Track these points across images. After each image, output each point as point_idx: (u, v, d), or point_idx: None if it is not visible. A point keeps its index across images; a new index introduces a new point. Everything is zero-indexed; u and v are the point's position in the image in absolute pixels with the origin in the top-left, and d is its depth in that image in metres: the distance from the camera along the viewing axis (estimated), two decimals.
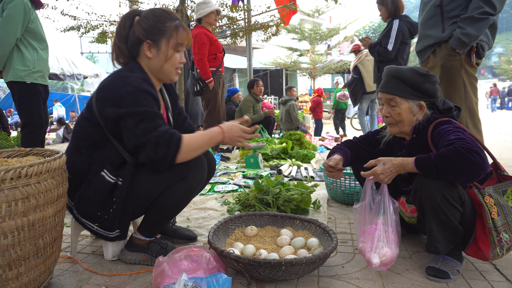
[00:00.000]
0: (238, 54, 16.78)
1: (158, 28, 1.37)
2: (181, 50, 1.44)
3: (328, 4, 6.33)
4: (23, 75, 2.68)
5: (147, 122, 1.26)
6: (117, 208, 1.32)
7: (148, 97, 1.31)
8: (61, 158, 1.20)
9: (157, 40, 1.38)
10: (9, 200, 0.99)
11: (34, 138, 2.77)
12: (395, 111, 1.45)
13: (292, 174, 3.24)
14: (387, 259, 1.28)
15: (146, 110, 1.27)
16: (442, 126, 1.38)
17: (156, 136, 1.25)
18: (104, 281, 1.34)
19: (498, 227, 1.29)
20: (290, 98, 6.74)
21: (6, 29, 2.58)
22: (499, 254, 1.30)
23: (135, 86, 1.30)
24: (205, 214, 2.16)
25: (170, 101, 1.62)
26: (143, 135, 1.25)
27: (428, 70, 1.44)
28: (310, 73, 17.91)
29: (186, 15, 4.81)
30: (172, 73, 1.45)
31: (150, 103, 1.30)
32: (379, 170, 1.34)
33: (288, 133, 4.82)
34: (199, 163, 1.40)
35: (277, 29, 5.92)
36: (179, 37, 1.40)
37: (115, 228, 1.35)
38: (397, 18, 3.53)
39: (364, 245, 1.34)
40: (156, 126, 1.27)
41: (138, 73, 1.37)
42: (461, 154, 1.19)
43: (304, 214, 2.11)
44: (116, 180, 1.33)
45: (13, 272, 1.04)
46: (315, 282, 1.31)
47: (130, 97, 1.28)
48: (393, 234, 1.31)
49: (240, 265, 1.23)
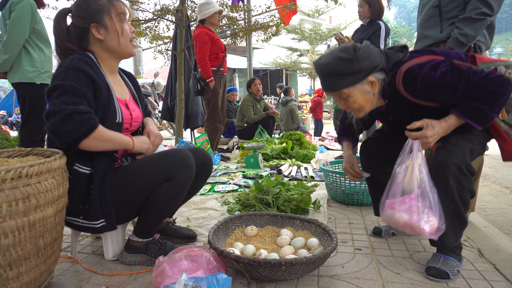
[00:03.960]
0: (238, 54, 16.78)
1: (94, 9, 1.37)
2: (126, 20, 1.44)
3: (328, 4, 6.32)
4: (32, 76, 2.71)
5: (70, 96, 1.22)
6: (95, 195, 1.31)
7: (80, 74, 1.27)
8: (61, 158, 1.20)
9: (100, 19, 1.37)
10: (9, 200, 0.99)
11: (34, 137, 2.78)
12: (349, 102, 1.39)
13: (292, 174, 3.24)
14: (435, 226, 1.22)
15: (72, 85, 1.24)
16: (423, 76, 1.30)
17: (73, 109, 1.19)
18: (105, 281, 1.34)
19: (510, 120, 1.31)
20: (291, 99, 6.77)
21: (15, 31, 2.59)
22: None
23: (67, 65, 1.28)
24: (205, 214, 2.16)
25: (134, 88, 1.61)
26: (60, 105, 1.20)
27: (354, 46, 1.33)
28: (310, 73, 17.92)
29: (186, 15, 4.81)
30: (129, 46, 1.45)
31: (79, 81, 1.26)
32: (430, 133, 1.27)
33: (288, 133, 4.82)
34: (184, 161, 1.39)
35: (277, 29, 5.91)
36: (117, 8, 1.41)
37: (99, 217, 1.32)
38: (381, 20, 3.53)
39: (407, 216, 1.25)
40: (77, 103, 1.22)
41: (78, 55, 1.34)
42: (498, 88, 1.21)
43: (304, 214, 2.11)
44: (91, 170, 1.32)
45: (14, 271, 1.05)
46: (315, 282, 1.31)
47: (61, 75, 1.26)
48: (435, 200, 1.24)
49: (240, 265, 1.23)
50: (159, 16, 4.93)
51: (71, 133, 1.19)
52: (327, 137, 6.33)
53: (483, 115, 1.24)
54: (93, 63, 1.35)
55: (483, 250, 1.59)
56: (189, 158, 1.41)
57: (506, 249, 1.62)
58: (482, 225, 1.99)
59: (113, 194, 1.35)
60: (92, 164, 1.33)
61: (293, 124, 6.73)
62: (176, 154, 1.40)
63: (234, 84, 15.74)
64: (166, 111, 5.48)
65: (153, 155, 1.45)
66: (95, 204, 1.31)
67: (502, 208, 2.45)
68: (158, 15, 4.90)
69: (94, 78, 1.30)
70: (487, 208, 2.47)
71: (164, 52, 5.92)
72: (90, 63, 1.34)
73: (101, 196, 1.32)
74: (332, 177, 2.35)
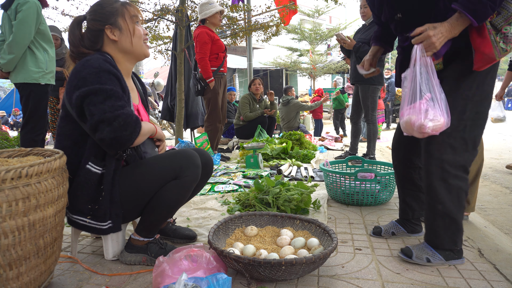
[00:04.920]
0: (238, 54, 16.79)
1: (109, 12, 1.41)
2: (139, 22, 1.48)
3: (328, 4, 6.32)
4: (37, 77, 2.72)
5: (114, 100, 1.26)
6: (106, 196, 1.32)
7: (112, 77, 1.30)
8: (61, 158, 1.20)
9: (114, 21, 1.41)
10: (9, 200, 0.99)
11: (35, 137, 2.79)
12: None
13: (292, 174, 3.24)
14: (440, 124, 1.27)
15: (112, 88, 1.27)
16: None
17: (125, 114, 1.26)
18: (105, 281, 1.34)
19: (498, 24, 1.27)
20: (292, 98, 6.76)
21: (22, 32, 2.60)
22: (506, 49, 1.29)
23: (96, 67, 1.29)
24: (205, 214, 2.16)
25: (142, 92, 1.65)
26: (111, 111, 1.23)
27: None
28: (310, 73, 17.92)
29: (186, 15, 4.81)
30: (142, 46, 1.48)
31: (114, 83, 1.30)
32: (432, 33, 1.27)
33: (288, 133, 4.82)
34: (191, 161, 1.41)
35: (277, 29, 5.91)
36: (130, 10, 1.45)
37: (107, 218, 1.34)
38: None
39: (414, 116, 1.30)
40: (123, 105, 1.28)
41: (98, 54, 1.36)
42: None
43: (304, 214, 2.11)
44: (102, 170, 1.33)
45: (14, 272, 1.05)
46: (315, 282, 1.31)
47: (93, 77, 1.27)
48: (443, 103, 1.29)
49: (240, 265, 1.23)
50: (159, 16, 4.93)
51: (131, 137, 1.27)
52: (327, 137, 6.33)
53: (484, 9, 1.22)
54: (112, 62, 1.38)
55: (483, 250, 1.59)
56: (197, 158, 1.44)
57: (506, 249, 1.62)
58: (482, 225, 1.99)
59: (121, 193, 1.36)
60: (104, 164, 1.34)
61: (295, 123, 6.72)
62: (184, 154, 1.43)
63: (234, 84, 15.74)
64: (166, 111, 5.48)
65: (161, 155, 1.47)
66: (105, 205, 1.32)
67: (502, 208, 2.45)
68: (158, 15, 4.90)
69: (120, 78, 1.34)
70: (487, 208, 2.47)
71: (164, 52, 5.92)
72: (114, 64, 1.37)
73: (111, 197, 1.34)
74: (332, 177, 2.35)
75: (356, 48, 3.55)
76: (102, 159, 1.35)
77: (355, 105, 3.91)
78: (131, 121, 1.27)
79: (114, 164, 1.35)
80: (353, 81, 3.78)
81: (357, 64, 1.85)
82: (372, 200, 2.26)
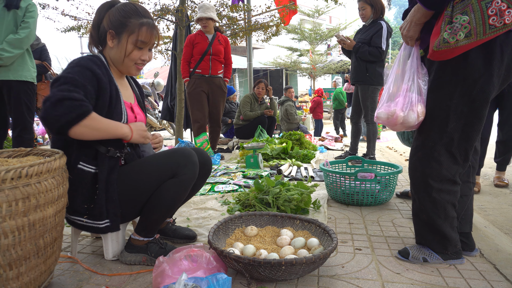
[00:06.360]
0: (238, 54, 16.77)
1: (121, 22, 1.39)
2: (144, 47, 1.44)
3: (328, 4, 6.32)
4: (34, 76, 2.83)
5: (68, 85, 1.21)
6: (101, 195, 1.32)
7: (86, 71, 1.28)
8: (61, 158, 1.20)
9: (119, 32, 1.40)
10: (9, 200, 0.99)
11: (29, 139, 2.82)
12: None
13: (292, 174, 3.24)
14: (392, 113, 1.37)
15: (74, 77, 1.24)
16: None
17: (64, 95, 1.17)
18: (105, 281, 1.34)
19: (456, 10, 1.15)
20: (287, 98, 6.83)
21: (34, 31, 2.73)
22: (448, 41, 1.15)
23: (76, 62, 1.31)
24: (205, 214, 2.16)
25: (138, 93, 1.65)
26: (54, 92, 1.18)
27: None
28: (310, 73, 17.92)
29: (186, 15, 4.82)
30: (130, 67, 1.46)
31: (83, 76, 1.26)
32: (401, 26, 1.38)
33: (288, 133, 4.83)
34: (188, 159, 1.41)
35: (277, 29, 5.92)
36: (141, 35, 1.40)
37: (104, 217, 1.34)
38: (382, 20, 3.53)
39: (396, 108, 1.36)
40: (72, 91, 1.20)
41: (89, 56, 1.37)
42: None
43: (304, 214, 2.11)
44: (96, 169, 1.33)
45: (14, 272, 1.05)
46: (315, 282, 1.31)
47: (67, 69, 1.28)
48: (423, 96, 1.37)
49: (240, 265, 1.23)
50: (159, 16, 4.93)
51: (60, 118, 1.16)
52: (327, 137, 6.33)
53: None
54: (102, 64, 1.38)
55: (483, 250, 1.59)
56: (194, 156, 1.44)
57: (506, 249, 1.62)
58: (482, 225, 1.99)
59: (118, 192, 1.36)
60: (97, 163, 1.34)
61: (292, 124, 6.75)
62: (181, 152, 1.43)
63: (234, 84, 15.73)
64: (166, 111, 5.49)
65: (158, 153, 1.47)
66: (100, 204, 1.33)
67: (502, 208, 2.45)
68: (158, 15, 4.91)
69: (100, 78, 1.32)
70: (487, 208, 2.47)
71: (164, 52, 5.92)
72: (100, 64, 1.36)
73: (107, 196, 1.34)
74: (332, 177, 2.35)
75: (356, 48, 3.56)
76: (94, 158, 1.35)
77: (355, 106, 3.91)
78: (67, 103, 1.16)
79: (108, 163, 1.35)
80: (353, 81, 3.78)
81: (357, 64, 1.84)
82: (372, 200, 2.26)
